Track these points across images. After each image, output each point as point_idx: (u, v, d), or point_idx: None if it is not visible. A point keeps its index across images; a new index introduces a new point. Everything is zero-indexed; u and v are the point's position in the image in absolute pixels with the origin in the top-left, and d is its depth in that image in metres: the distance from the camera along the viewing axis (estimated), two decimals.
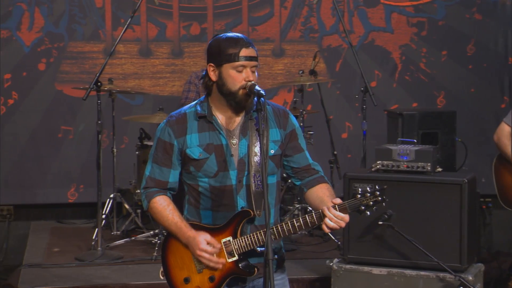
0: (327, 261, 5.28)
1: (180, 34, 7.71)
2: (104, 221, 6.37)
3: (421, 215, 5.01)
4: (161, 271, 3.44)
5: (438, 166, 5.15)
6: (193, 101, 6.70)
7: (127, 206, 6.60)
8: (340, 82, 7.97)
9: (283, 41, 7.91)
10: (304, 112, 6.61)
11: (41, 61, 7.50)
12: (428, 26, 8.13)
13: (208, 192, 3.40)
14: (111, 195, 6.57)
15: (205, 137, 3.40)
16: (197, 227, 3.39)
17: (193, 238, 3.33)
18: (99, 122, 5.98)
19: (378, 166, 5.11)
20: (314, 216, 3.28)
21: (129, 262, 5.88)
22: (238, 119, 3.44)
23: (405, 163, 5.07)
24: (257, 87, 3.29)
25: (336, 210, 3.22)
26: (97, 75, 5.94)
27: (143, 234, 6.38)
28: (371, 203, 3.24)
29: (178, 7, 7.69)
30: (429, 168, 5.03)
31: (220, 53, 3.36)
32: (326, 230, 3.28)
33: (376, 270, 5.07)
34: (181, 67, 7.66)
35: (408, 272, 5.01)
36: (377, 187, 3.26)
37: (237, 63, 3.34)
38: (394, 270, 5.04)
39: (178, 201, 3.52)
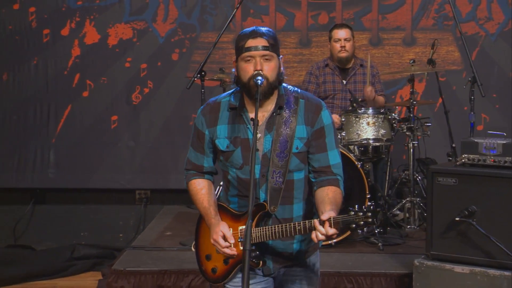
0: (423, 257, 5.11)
1: (308, 24, 7.71)
2: None
3: (508, 212, 4.70)
4: (193, 244, 3.65)
5: None
6: (313, 93, 6.76)
7: None
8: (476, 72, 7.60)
9: (415, 29, 7.69)
10: (415, 102, 6.38)
11: (175, 51, 7.80)
12: None
13: (235, 182, 3.48)
14: (221, 183, 6.68)
15: (234, 129, 3.44)
16: (223, 210, 3.50)
17: (213, 226, 3.44)
18: None
19: (463, 160, 4.85)
20: (306, 225, 3.28)
21: None
22: (266, 114, 3.44)
23: (492, 157, 4.79)
24: (258, 77, 3.28)
25: (330, 226, 3.19)
26: (201, 64, 6.10)
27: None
28: (362, 223, 3.21)
29: None
30: None
31: (235, 48, 3.42)
32: (315, 240, 3.26)
33: (458, 268, 4.82)
34: (309, 57, 7.66)
35: (492, 271, 4.72)
36: (371, 208, 3.21)
37: (244, 54, 3.36)
38: (477, 269, 4.77)
39: None
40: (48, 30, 7.80)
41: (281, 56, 3.43)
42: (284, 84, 3.49)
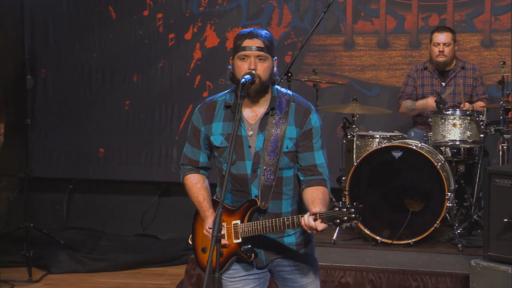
0: None
1: (419, 26, 7.72)
2: None
3: None
4: (190, 237, 3.87)
5: None
6: (409, 96, 6.84)
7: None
8: None
9: None
10: (504, 104, 6.27)
11: (287, 54, 8.05)
12: None
13: (229, 177, 3.66)
14: None
15: (228, 126, 3.67)
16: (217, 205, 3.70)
17: (207, 218, 3.70)
18: None
19: None
20: (295, 220, 3.50)
21: None
22: (259, 114, 3.67)
23: None
24: (245, 76, 3.51)
25: (317, 219, 3.38)
26: (288, 65, 6.34)
27: None
28: (345, 218, 3.37)
29: None
30: None
31: (233, 46, 3.66)
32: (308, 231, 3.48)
33: None
34: (418, 59, 7.66)
35: None
36: (354, 204, 3.38)
37: (240, 53, 3.61)
38: None
39: None
40: (173, 35, 8.31)
41: (275, 57, 3.63)
42: (277, 87, 3.70)
